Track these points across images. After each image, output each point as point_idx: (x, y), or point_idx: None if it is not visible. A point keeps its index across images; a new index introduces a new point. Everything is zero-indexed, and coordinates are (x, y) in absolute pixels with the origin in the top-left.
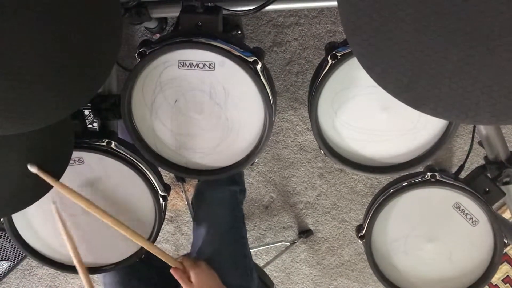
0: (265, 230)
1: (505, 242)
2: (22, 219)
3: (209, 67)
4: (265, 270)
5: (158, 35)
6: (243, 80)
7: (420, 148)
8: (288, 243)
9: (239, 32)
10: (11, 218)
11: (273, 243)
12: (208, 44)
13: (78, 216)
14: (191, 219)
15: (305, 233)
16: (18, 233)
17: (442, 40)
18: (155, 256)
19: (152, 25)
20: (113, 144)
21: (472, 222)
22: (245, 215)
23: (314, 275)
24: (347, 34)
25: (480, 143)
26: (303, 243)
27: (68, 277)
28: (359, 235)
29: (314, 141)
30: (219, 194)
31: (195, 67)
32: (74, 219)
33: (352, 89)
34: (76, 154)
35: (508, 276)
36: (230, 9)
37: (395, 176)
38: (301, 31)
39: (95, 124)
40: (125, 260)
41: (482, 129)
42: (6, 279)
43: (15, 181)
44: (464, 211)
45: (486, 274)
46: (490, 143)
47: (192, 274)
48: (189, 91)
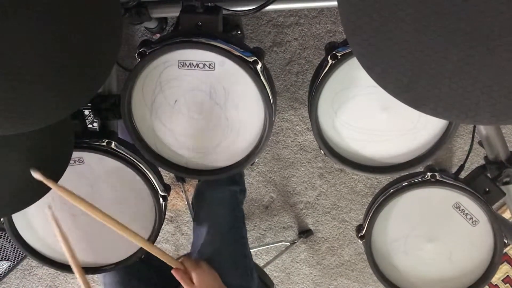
0: (265, 230)
1: (505, 242)
2: (22, 219)
3: (209, 67)
4: (265, 270)
5: (158, 35)
6: (243, 80)
7: (420, 148)
8: (288, 243)
9: (239, 32)
10: (11, 218)
11: (273, 243)
12: (208, 44)
13: (79, 216)
14: (191, 219)
15: (305, 233)
16: (18, 233)
17: (442, 40)
18: (155, 256)
19: (152, 25)
20: (113, 144)
21: (472, 222)
22: (245, 215)
23: (314, 275)
24: (347, 34)
25: (480, 143)
26: (303, 243)
27: (68, 277)
28: (359, 235)
29: (314, 141)
30: (219, 194)
31: (195, 67)
32: (74, 219)
33: (352, 89)
34: (76, 154)
35: (508, 276)
36: (230, 9)
37: (395, 176)
38: (301, 31)
39: (95, 124)
40: (125, 260)
41: (482, 129)
42: (6, 279)
43: (15, 181)
44: (464, 211)
45: (486, 274)
46: (490, 143)
47: (194, 275)
48: (189, 91)
